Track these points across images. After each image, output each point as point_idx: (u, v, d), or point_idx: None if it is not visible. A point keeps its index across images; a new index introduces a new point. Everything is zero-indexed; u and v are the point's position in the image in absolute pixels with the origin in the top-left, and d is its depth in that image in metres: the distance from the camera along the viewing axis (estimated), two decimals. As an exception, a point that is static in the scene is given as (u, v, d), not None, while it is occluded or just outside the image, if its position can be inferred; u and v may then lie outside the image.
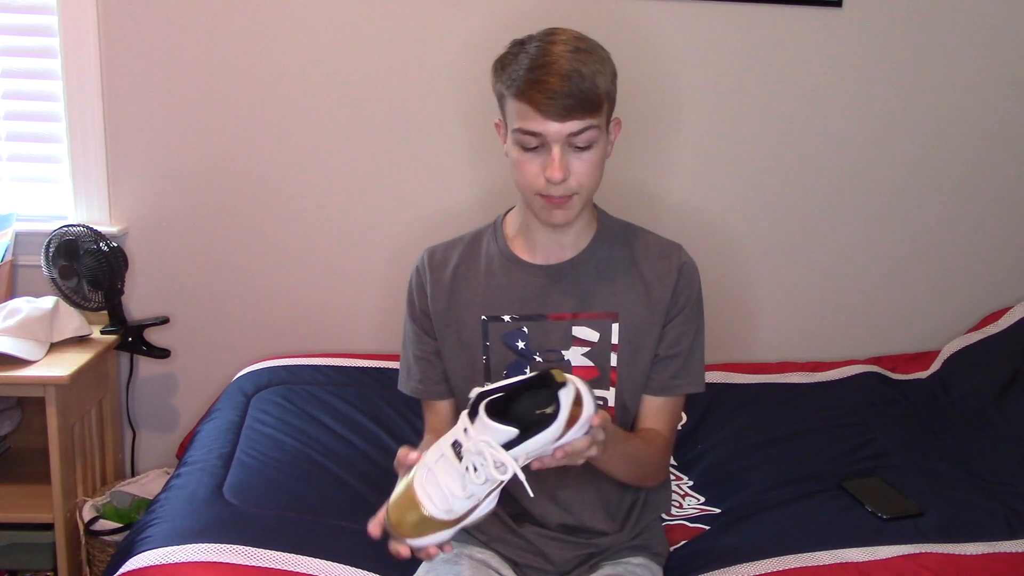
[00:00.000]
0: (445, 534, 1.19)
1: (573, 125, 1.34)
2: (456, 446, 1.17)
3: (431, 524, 1.18)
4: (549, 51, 1.35)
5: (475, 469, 1.15)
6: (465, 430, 1.17)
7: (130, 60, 2.24)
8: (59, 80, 2.24)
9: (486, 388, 1.19)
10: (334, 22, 2.24)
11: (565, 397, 1.17)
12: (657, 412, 1.53)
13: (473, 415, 1.17)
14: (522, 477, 1.16)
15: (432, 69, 2.27)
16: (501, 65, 1.41)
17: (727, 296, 2.41)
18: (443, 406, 1.59)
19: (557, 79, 1.32)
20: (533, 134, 1.35)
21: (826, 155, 2.38)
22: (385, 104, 2.29)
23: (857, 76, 2.33)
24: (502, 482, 1.17)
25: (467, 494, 1.16)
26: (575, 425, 1.20)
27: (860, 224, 2.43)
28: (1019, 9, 2.33)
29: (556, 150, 1.35)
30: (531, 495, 1.21)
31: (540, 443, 1.17)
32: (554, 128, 1.34)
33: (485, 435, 1.15)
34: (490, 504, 1.20)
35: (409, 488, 1.19)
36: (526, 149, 1.38)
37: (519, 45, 1.40)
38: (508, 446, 1.15)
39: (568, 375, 1.20)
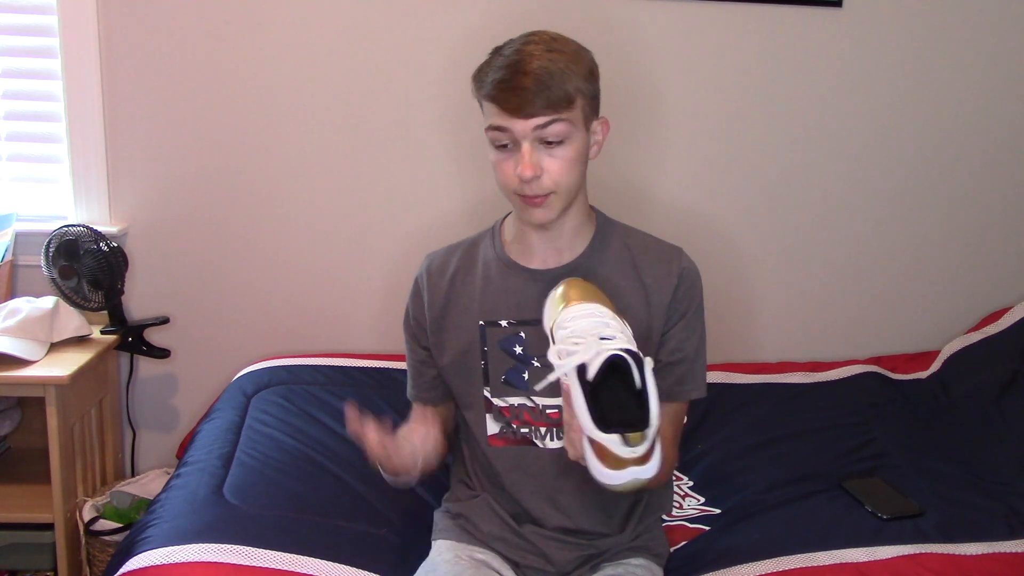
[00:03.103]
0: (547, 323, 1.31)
1: (537, 120, 1.35)
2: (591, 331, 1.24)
3: (558, 304, 1.30)
4: (520, 51, 1.37)
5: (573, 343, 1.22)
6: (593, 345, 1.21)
7: (130, 60, 2.24)
8: (59, 80, 2.24)
9: (641, 363, 1.22)
10: (331, 26, 2.24)
11: (613, 441, 1.17)
12: (662, 418, 1.52)
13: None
14: (551, 378, 1.22)
15: (429, 73, 2.27)
16: (477, 72, 1.42)
17: (727, 297, 2.41)
18: (432, 411, 1.60)
19: (521, 76, 1.34)
20: (500, 129, 1.37)
21: (826, 155, 2.38)
22: (384, 107, 2.29)
23: (857, 76, 2.33)
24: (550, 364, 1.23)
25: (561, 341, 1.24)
26: (596, 457, 1.20)
27: (860, 224, 2.43)
28: (1019, 9, 2.33)
29: (525, 146, 1.36)
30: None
31: (577, 406, 1.19)
32: (519, 124, 1.35)
33: (591, 353, 1.20)
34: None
35: (585, 296, 1.30)
36: (499, 148, 1.39)
37: (496, 51, 1.42)
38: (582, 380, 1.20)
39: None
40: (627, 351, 1.21)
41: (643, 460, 1.18)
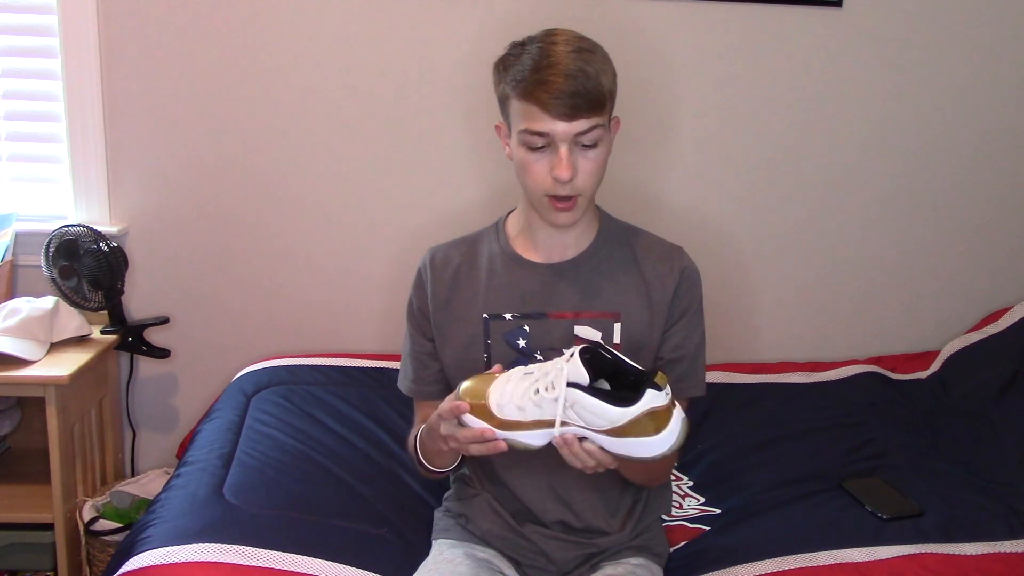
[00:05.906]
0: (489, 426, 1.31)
1: (580, 124, 1.35)
2: (537, 370, 1.28)
3: (483, 412, 1.30)
4: (552, 51, 1.36)
5: (536, 392, 1.25)
6: (557, 363, 1.26)
7: (130, 60, 2.24)
8: (59, 80, 2.24)
9: (601, 344, 1.27)
10: (336, 20, 2.24)
11: (649, 396, 1.19)
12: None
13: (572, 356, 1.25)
14: (558, 411, 1.23)
15: (434, 69, 2.27)
16: (504, 66, 1.41)
17: (727, 296, 2.41)
18: (435, 406, 1.60)
19: (563, 79, 1.33)
20: (540, 134, 1.36)
21: (826, 155, 2.38)
22: (386, 104, 2.29)
23: (857, 76, 2.33)
24: (552, 420, 1.25)
25: (520, 404, 1.26)
26: (642, 435, 1.22)
27: (860, 224, 2.43)
28: (1018, 10, 2.33)
29: (563, 149, 1.36)
30: (535, 447, 1.30)
31: (596, 409, 1.21)
32: (561, 128, 1.35)
33: (563, 367, 1.23)
34: (535, 439, 1.29)
35: (489, 379, 1.32)
36: (532, 149, 1.38)
37: (520, 46, 1.41)
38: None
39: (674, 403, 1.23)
40: (578, 351, 1.25)
41: (673, 401, 1.23)
